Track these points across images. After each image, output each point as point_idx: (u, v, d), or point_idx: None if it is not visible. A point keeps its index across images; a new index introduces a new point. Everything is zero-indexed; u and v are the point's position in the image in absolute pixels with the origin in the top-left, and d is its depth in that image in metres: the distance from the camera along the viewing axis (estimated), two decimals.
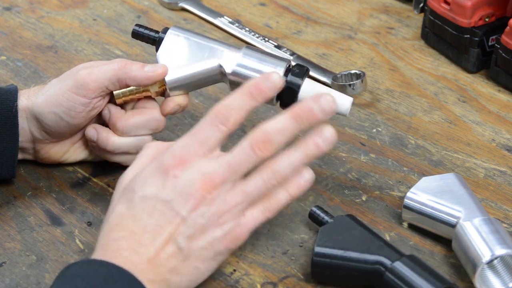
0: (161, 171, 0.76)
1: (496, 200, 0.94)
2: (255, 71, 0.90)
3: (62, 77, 0.92)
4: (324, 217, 0.87)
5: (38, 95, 0.91)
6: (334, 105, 0.79)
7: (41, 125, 0.91)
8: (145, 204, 0.75)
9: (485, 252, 0.80)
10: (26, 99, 0.91)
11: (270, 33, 1.25)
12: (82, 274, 0.72)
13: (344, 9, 1.31)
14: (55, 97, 0.89)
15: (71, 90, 0.89)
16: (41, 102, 0.90)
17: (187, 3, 1.31)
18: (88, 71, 0.90)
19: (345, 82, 1.10)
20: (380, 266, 0.80)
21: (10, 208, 0.93)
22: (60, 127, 0.91)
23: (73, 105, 0.89)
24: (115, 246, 0.74)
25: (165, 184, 0.75)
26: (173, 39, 0.93)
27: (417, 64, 1.18)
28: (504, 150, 1.02)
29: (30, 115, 0.91)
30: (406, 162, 1.00)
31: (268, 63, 0.91)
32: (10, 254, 0.87)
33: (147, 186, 0.76)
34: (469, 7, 1.11)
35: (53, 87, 0.91)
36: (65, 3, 1.32)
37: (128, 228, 0.75)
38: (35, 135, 0.92)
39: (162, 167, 0.76)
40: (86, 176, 0.97)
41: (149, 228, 0.74)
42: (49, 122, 0.90)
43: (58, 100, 0.89)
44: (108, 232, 0.75)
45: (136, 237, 0.74)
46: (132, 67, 0.90)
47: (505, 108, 1.09)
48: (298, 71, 0.90)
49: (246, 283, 0.84)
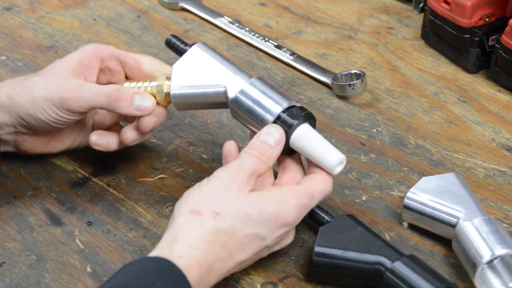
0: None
1: (496, 200, 0.94)
2: (255, 102, 0.87)
3: (46, 83, 0.90)
4: (324, 217, 0.86)
5: (19, 95, 0.90)
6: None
7: (25, 122, 0.91)
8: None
9: (485, 252, 0.80)
10: (6, 96, 0.90)
11: (270, 33, 1.25)
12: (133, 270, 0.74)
13: (344, 9, 1.31)
14: (40, 105, 0.89)
15: (56, 106, 0.89)
16: (25, 103, 0.89)
17: (187, 3, 1.31)
18: (76, 95, 0.88)
19: (345, 82, 1.10)
20: (380, 266, 0.80)
21: (10, 208, 0.93)
22: (44, 128, 0.91)
23: (60, 119, 0.90)
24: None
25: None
26: (194, 54, 0.91)
27: (417, 64, 1.18)
28: (504, 150, 1.02)
29: (13, 112, 0.90)
30: (406, 162, 1.00)
31: (269, 98, 0.87)
32: (10, 254, 0.87)
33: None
34: (469, 7, 1.11)
35: (36, 91, 0.89)
36: (65, 3, 1.32)
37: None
38: (18, 129, 0.92)
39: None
40: (86, 176, 0.97)
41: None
42: (35, 123, 0.90)
43: (43, 108, 0.89)
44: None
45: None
46: (120, 104, 0.89)
47: (505, 108, 1.09)
48: (296, 113, 0.85)
49: (246, 283, 0.84)
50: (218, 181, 0.80)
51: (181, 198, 0.80)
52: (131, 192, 0.95)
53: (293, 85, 1.13)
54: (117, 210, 0.93)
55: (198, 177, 0.96)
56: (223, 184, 0.79)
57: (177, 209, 0.79)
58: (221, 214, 0.78)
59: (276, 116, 0.85)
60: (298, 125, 0.85)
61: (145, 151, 1.01)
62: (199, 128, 1.05)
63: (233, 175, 0.80)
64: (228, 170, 0.80)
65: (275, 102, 0.86)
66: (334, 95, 1.11)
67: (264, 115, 0.86)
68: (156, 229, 0.90)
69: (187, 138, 1.03)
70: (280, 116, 0.85)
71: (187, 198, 0.80)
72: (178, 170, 0.98)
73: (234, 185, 0.79)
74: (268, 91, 0.87)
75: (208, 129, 1.04)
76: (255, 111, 0.87)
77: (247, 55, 1.20)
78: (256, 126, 0.87)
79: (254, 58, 1.19)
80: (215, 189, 0.79)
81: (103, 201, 0.94)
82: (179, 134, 1.04)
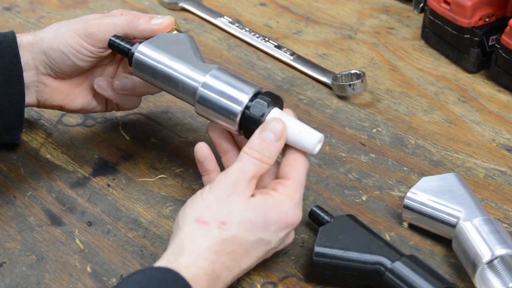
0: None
1: (496, 200, 0.94)
2: (219, 94, 0.84)
3: (71, 21, 0.94)
4: (324, 217, 0.87)
5: (46, 31, 0.94)
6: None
7: (47, 60, 0.93)
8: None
9: (485, 252, 0.80)
10: (31, 35, 0.94)
11: (270, 33, 1.25)
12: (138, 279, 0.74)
13: (344, 9, 1.31)
14: (63, 37, 0.92)
15: (80, 36, 0.92)
16: (50, 37, 0.93)
17: (187, 3, 1.31)
18: (97, 21, 0.92)
19: (345, 82, 1.10)
20: (380, 266, 0.80)
21: (10, 208, 0.93)
22: (66, 66, 0.93)
23: (80, 49, 0.92)
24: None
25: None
26: (140, 62, 0.89)
27: (417, 64, 1.18)
28: (504, 150, 1.02)
29: (37, 49, 0.93)
30: (406, 162, 1.00)
31: (234, 88, 0.84)
32: (10, 254, 0.87)
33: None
34: (469, 7, 1.11)
35: (63, 27, 0.93)
36: (65, 3, 1.32)
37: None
38: (40, 69, 0.94)
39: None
40: (86, 176, 0.97)
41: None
42: (56, 58, 0.93)
43: (67, 40, 0.92)
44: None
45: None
46: (140, 20, 0.92)
47: (505, 108, 1.09)
48: (264, 99, 0.83)
49: (246, 283, 0.84)
50: (220, 189, 0.79)
51: (185, 207, 0.80)
52: (131, 192, 0.95)
53: (293, 85, 1.13)
54: (117, 210, 0.93)
55: (198, 177, 0.96)
56: (225, 191, 0.79)
57: (181, 218, 0.79)
58: (226, 223, 0.77)
59: (244, 106, 0.83)
60: (269, 112, 0.83)
61: (145, 151, 1.01)
62: (199, 128, 1.05)
63: (234, 182, 0.79)
64: (229, 176, 0.80)
65: (240, 91, 0.84)
66: (334, 95, 1.11)
67: (232, 105, 0.83)
68: (156, 229, 0.90)
69: (187, 138, 1.03)
70: (248, 105, 0.83)
71: (191, 206, 0.79)
72: (178, 170, 0.98)
73: (235, 192, 0.79)
74: (231, 80, 0.85)
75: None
76: (221, 103, 0.84)
77: (247, 55, 1.20)
78: (225, 119, 0.84)
79: (254, 58, 1.19)
80: (218, 197, 0.79)
81: (103, 201, 0.94)
82: (179, 134, 1.04)
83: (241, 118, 0.84)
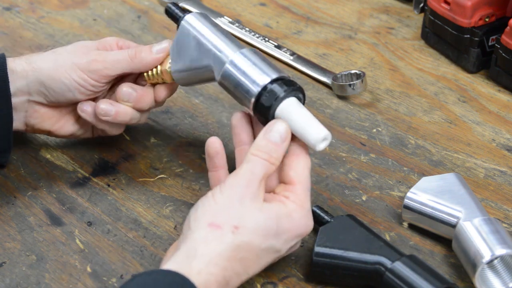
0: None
1: (496, 200, 0.94)
2: (242, 74, 0.84)
3: (68, 51, 0.93)
4: (324, 217, 0.87)
5: (43, 60, 0.92)
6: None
7: (45, 90, 0.92)
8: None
9: (485, 252, 0.80)
10: (25, 62, 0.92)
11: (270, 33, 1.25)
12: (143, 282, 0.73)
13: (344, 9, 1.31)
14: (64, 69, 0.91)
15: (83, 71, 0.91)
16: (49, 68, 0.91)
17: (187, 3, 1.31)
18: (101, 58, 0.92)
19: (345, 82, 1.10)
20: (380, 266, 0.80)
21: (10, 208, 0.93)
22: (64, 97, 0.93)
23: (84, 84, 0.92)
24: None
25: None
26: (185, 28, 0.91)
27: (417, 64, 1.18)
28: (504, 150, 1.02)
29: (33, 77, 0.91)
30: (406, 162, 1.00)
31: (258, 69, 0.84)
32: (10, 254, 0.87)
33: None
34: (469, 7, 1.11)
35: (61, 58, 0.92)
36: (65, 3, 1.32)
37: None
38: (33, 97, 0.93)
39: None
40: (86, 176, 0.97)
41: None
42: (56, 89, 0.92)
43: (70, 74, 0.91)
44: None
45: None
46: (142, 54, 0.92)
47: (505, 108, 1.09)
48: (284, 85, 0.82)
49: (246, 283, 0.84)
50: (231, 191, 0.78)
51: (196, 209, 0.79)
52: (131, 192, 0.95)
53: None
54: (117, 210, 0.93)
55: (198, 177, 0.96)
56: (237, 194, 0.78)
57: (193, 220, 0.78)
58: (239, 228, 0.76)
59: (262, 87, 0.83)
60: (285, 98, 0.82)
61: (145, 151, 1.01)
62: (199, 128, 1.05)
63: (246, 184, 0.78)
64: (240, 179, 0.79)
65: (263, 73, 0.84)
66: (334, 95, 1.11)
67: (250, 86, 0.83)
68: (156, 229, 0.90)
69: (187, 138, 1.03)
70: (267, 87, 0.83)
71: (203, 209, 0.78)
72: (178, 170, 0.98)
73: (247, 195, 0.78)
74: (258, 62, 0.85)
75: (208, 129, 1.04)
76: (242, 82, 0.84)
77: None
78: (243, 98, 0.84)
79: None
80: (230, 200, 0.78)
81: (103, 201, 0.94)
82: (179, 134, 1.04)
83: (255, 102, 0.83)
